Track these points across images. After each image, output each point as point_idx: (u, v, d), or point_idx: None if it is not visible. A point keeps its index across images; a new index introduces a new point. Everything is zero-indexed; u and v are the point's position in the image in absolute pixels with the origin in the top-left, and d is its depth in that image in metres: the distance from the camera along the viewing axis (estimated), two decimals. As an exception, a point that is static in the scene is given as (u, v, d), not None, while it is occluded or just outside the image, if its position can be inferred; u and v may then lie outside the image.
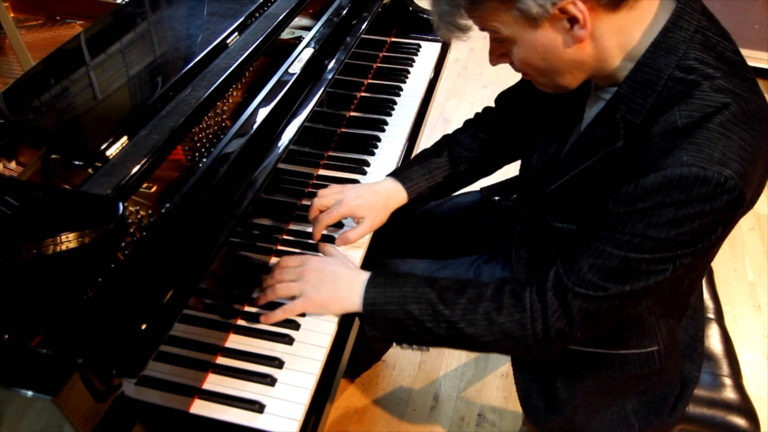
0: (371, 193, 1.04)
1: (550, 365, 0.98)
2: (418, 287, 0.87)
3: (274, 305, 0.91)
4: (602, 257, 0.75)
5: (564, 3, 0.69)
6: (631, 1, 0.72)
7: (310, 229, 1.07)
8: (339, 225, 1.07)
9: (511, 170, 1.21)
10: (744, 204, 0.70)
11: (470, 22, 0.78)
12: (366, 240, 1.07)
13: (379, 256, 1.11)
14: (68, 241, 0.67)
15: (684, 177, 0.67)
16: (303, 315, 0.93)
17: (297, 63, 1.07)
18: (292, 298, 0.91)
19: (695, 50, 0.73)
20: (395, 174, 1.09)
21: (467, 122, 1.19)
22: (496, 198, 1.23)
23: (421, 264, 1.18)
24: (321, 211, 1.03)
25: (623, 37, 0.74)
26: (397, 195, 1.07)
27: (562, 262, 0.80)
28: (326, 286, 0.90)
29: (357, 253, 1.04)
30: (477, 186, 1.26)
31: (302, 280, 0.91)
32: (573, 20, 0.71)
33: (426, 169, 1.11)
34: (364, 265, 1.03)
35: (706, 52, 0.73)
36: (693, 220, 0.69)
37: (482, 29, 0.78)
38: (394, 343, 0.91)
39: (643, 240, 0.71)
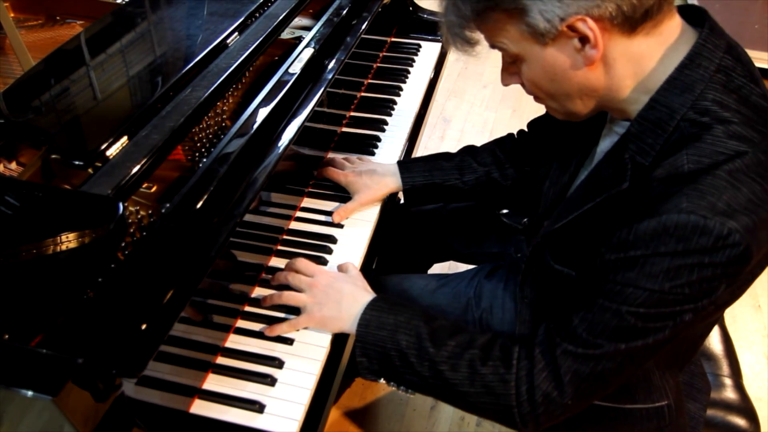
0: (370, 173, 1.12)
1: None
2: (413, 319, 0.83)
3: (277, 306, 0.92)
4: (593, 310, 0.69)
5: (573, 20, 0.65)
6: (649, 25, 0.67)
7: (310, 230, 1.08)
8: (343, 200, 1.13)
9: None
10: (750, 262, 0.64)
11: (478, 36, 0.75)
12: (365, 241, 1.07)
13: (378, 270, 1.10)
14: (68, 241, 0.67)
15: (681, 225, 0.62)
16: (303, 315, 0.93)
17: (297, 63, 1.07)
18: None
19: (714, 91, 0.67)
20: (401, 163, 1.16)
21: (494, 140, 1.18)
22: (504, 212, 1.20)
23: (420, 280, 1.17)
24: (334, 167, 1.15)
25: (638, 66, 0.70)
26: (392, 181, 1.13)
27: (554, 318, 0.75)
28: (329, 305, 0.89)
29: (356, 255, 1.04)
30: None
31: (309, 294, 0.90)
32: (584, 39, 0.67)
33: (429, 167, 1.12)
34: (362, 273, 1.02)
35: (728, 94, 0.67)
36: (690, 272, 0.63)
37: (492, 46, 0.75)
38: (384, 383, 0.87)
39: (635, 291, 0.66)
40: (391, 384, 0.86)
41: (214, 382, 0.83)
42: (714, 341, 1.16)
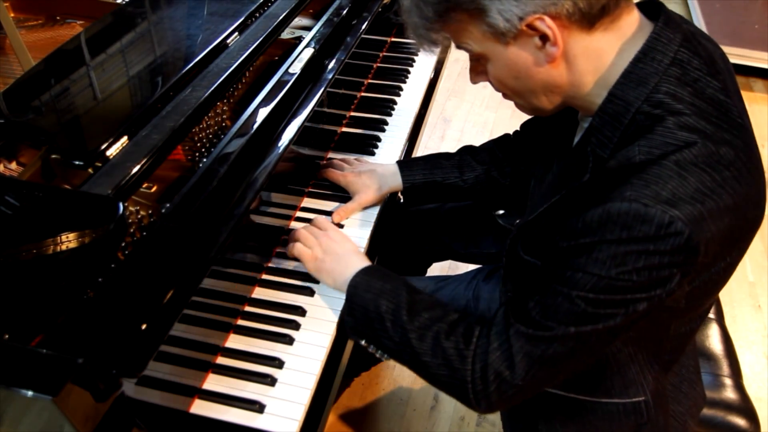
0: (369, 173, 1.13)
1: (532, 408, 0.94)
2: (398, 288, 0.86)
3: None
4: (546, 294, 0.71)
5: (531, 18, 0.67)
6: (607, 21, 0.69)
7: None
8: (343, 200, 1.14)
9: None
10: (699, 252, 0.64)
11: (441, 36, 0.76)
12: (365, 242, 1.07)
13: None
14: (68, 241, 0.67)
15: (623, 212, 0.63)
16: (303, 315, 0.93)
17: (297, 63, 1.07)
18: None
19: (668, 84, 0.68)
20: (401, 162, 1.16)
21: (493, 139, 1.19)
22: (500, 212, 1.21)
23: (418, 283, 1.16)
24: (332, 169, 1.15)
25: (598, 62, 0.71)
26: (393, 180, 1.14)
27: (512, 301, 0.77)
28: (329, 255, 0.95)
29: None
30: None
31: (318, 240, 0.97)
32: (544, 38, 0.68)
33: (429, 165, 1.14)
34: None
35: (682, 86, 0.68)
36: (636, 259, 0.64)
37: (458, 46, 0.76)
38: (364, 344, 0.89)
39: (584, 276, 0.67)
40: (370, 348, 0.88)
41: (214, 382, 0.83)
42: (714, 341, 1.16)
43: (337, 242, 0.97)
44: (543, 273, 0.74)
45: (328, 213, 1.10)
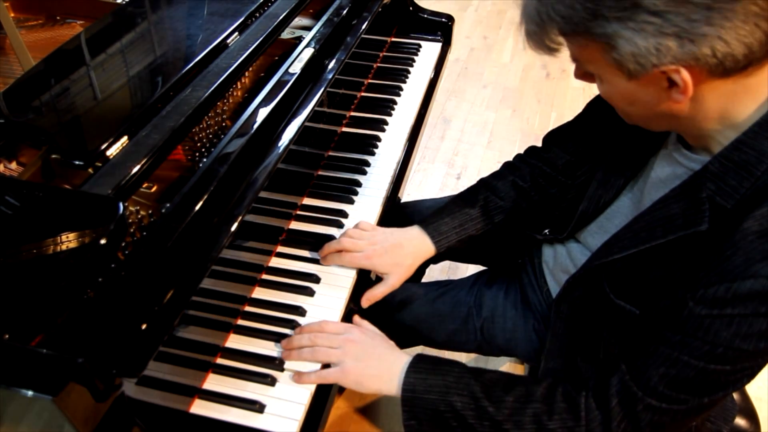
0: (397, 250, 1.00)
1: None
2: (462, 378, 0.80)
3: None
4: (677, 366, 0.66)
5: (667, 69, 0.61)
6: (751, 68, 0.62)
7: (311, 230, 1.08)
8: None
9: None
10: None
11: (559, 45, 0.70)
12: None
13: (378, 278, 1.05)
14: (68, 241, 0.67)
15: None
16: (303, 315, 0.93)
17: (297, 63, 1.07)
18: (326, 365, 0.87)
19: None
20: (424, 224, 1.03)
21: (507, 166, 1.11)
22: (546, 232, 1.12)
23: (419, 289, 1.15)
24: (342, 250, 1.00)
25: (729, 103, 0.66)
26: (425, 250, 1.02)
27: (628, 368, 0.71)
28: (365, 361, 0.85)
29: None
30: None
31: (343, 350, 0.86)
32: (673, 82, 0.63)
33: (458, 222, 1.04)
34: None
35: None
36: None
37: (573, 61, 0.72)
38: None
39: (726, 351, 0.63)
40: None
41: (214, 382, 0.83)
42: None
43: (362, 342, 0.87)
44: (661, 339, 0.69)
45: (329, 212, 1.10)
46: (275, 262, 1.01)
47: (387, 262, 0.98)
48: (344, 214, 1.11)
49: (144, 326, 0.67)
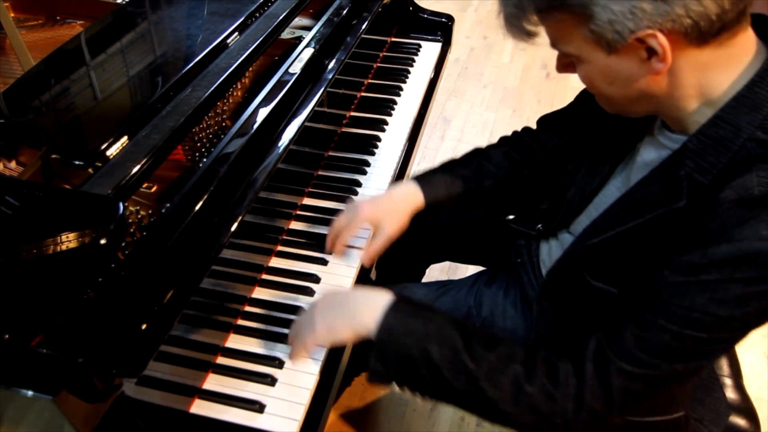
0: (386, 198, 1.02)
1: None
2: (444, 328, 0.76)
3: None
4: (652, 330, 0.66)
5: (644, 34, 0.62)
6: (723, 36, 0.63)
7: (310, 230, 1.08)
8: None
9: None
10: None
11: (537, 29, 0.71)
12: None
13: (377, 277, 1.05)
14: (68, 241, 0.67)
15: (762, 253, 0.59)
16: (303, 315, 0.93)
17: (297, 63, 1.07)
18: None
19: None
20: (416, 177, 1.06)
21: (503, 139, 1.13)
22: (510, 217, 1.14)
23: (420, 289, 1.15)
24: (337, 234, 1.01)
25: (704, 77, 0.66)
26: (415, 198, 1.03)
27: (605, 333, 0.71)
28: (335, 309, 0.83)
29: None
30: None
31: (310, 314, 0.85)
32: (651, 50, 0.64)
33: (449, 176, 1.06)
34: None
35: None
36: (761, 298, 0.61)
37: (552, 45, 0.72)
38: (395, 385, 0.81)
39: (703, 316, 0.63)
40: (404, 389, 0.80)
41: (214, 382, 0.83)
42: (714, 341, 1.15)
43: (330, 297, 0.86)
44: (636, 303, 0.69)
45: (329, 211, 1.10)
46: (275, 262, 1.01)
47: (377, 212, 1.00)
48: (344, 214, 1.11)
49: (144, 326, 0.67)
